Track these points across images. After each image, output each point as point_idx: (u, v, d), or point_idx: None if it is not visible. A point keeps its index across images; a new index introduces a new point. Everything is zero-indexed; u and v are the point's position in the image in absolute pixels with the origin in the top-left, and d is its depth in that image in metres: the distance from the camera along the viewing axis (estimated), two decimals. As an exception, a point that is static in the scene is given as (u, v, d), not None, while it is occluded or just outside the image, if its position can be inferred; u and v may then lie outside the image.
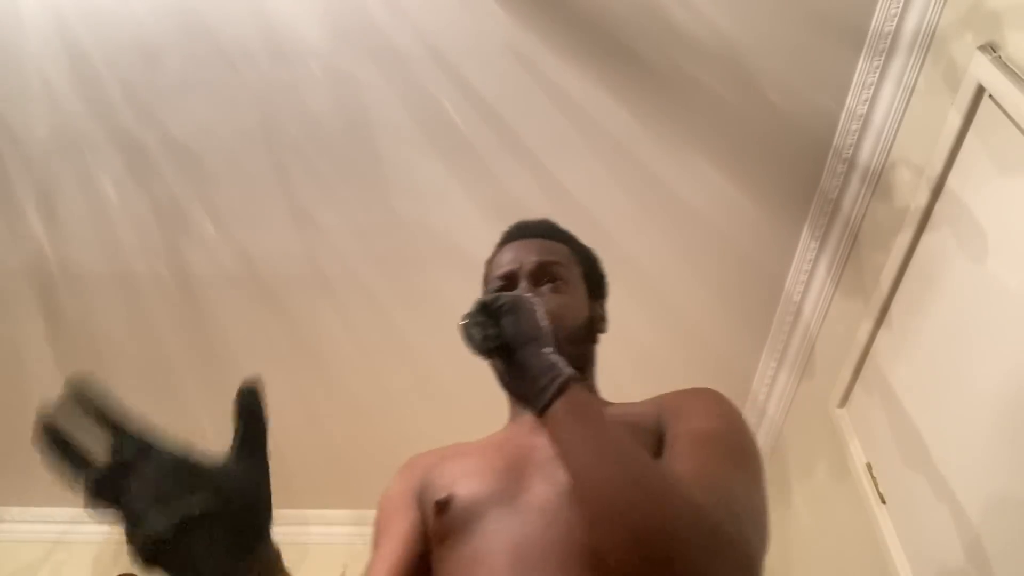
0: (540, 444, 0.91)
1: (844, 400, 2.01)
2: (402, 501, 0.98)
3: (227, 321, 2.32)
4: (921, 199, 1.67)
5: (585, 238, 2.26)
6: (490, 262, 1.19)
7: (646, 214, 2.08)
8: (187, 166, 2.02)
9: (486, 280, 1.17)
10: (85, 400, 0.59)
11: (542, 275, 1.08)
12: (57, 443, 0.57)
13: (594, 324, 1.15)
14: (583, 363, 1.05)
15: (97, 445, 0.57)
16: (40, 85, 1.89)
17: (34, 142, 1.99)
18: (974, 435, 1.44)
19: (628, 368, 2.41)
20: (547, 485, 0.86)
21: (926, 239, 1.68)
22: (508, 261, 1.11)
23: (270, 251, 2.18)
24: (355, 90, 1.89)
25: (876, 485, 1.80)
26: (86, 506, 0.57)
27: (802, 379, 2.32)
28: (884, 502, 1.76)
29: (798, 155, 1.95)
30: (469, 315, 0.88)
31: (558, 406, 0.80)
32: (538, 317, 0.88)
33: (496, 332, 0.86)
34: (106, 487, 0.57)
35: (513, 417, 1.09)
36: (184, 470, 0.60)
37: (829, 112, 1.87)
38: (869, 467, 1.84)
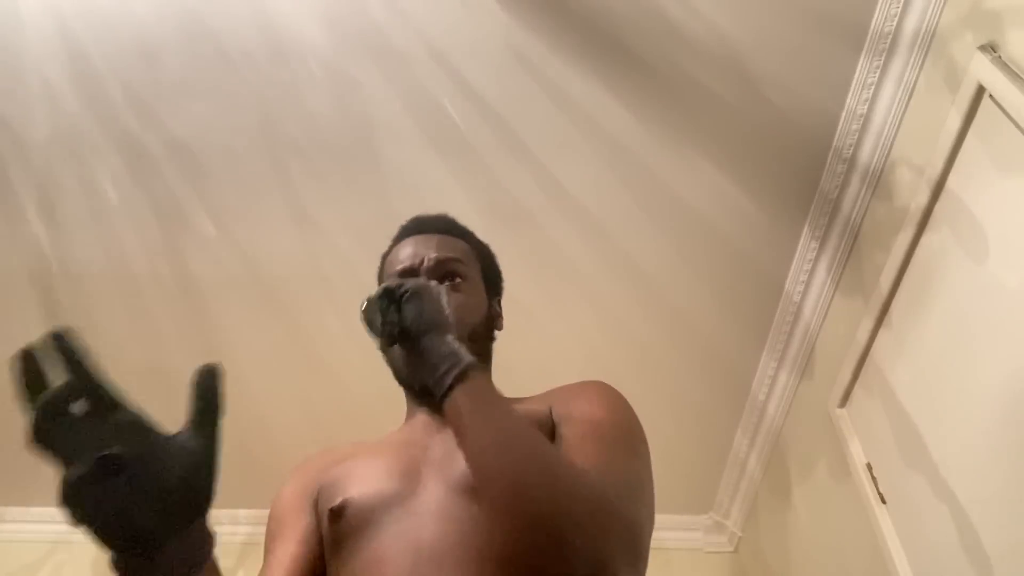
0: (435, 442, 0.93)
1: (844, 400, 2.01)
2: (295, 504, 0.96)
3: (227, 321, 2.32)
4: (921, 199, 1.67)
5: (585, 238, 2.27)
6: (386, 257, 1.19)
7: (646, 214, 2.08)
8: (187, 166, 2.02)
9: (381, 276, 1.19)
10: (66, 348, 0.59)
11: (442, 272, 1.07)
12: (28, 371, 0.58)
13: (492, 322, 1.14)
14: (482, 360, 1.03)
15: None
16: (40, 85, 1.89)
17: (34, 142, 1.99)
18: (974, 435, 1.44)
19: (628, 368, 2.41)
20: (441, 484, 0.86)
21: (926, 239, 1.68)
22: (407, 256, 1.11)
23: (270, 251, 2.18)
24: (355, 90, 1.89)
25: (876, 485, 1.80)
26: (27, 441, 0.57)
27: (802, 379, 2.32)
28: (884, 502, 1.76)
29: (798, 155, 1.96)
30: (370, 300, 0.88)
31: (459, 391, 0.81)
32: (442, 304, 0.89)
33: (397, 319, 0.86)
34: (52, 427, 0.57)
35: (409, 415, 1.09)
36: (130, 426, 0.60)
37: (829, 112, 1.87)
38: (869, 467, 1.84)
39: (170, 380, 2.47)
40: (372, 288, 0.97)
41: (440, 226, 1.17)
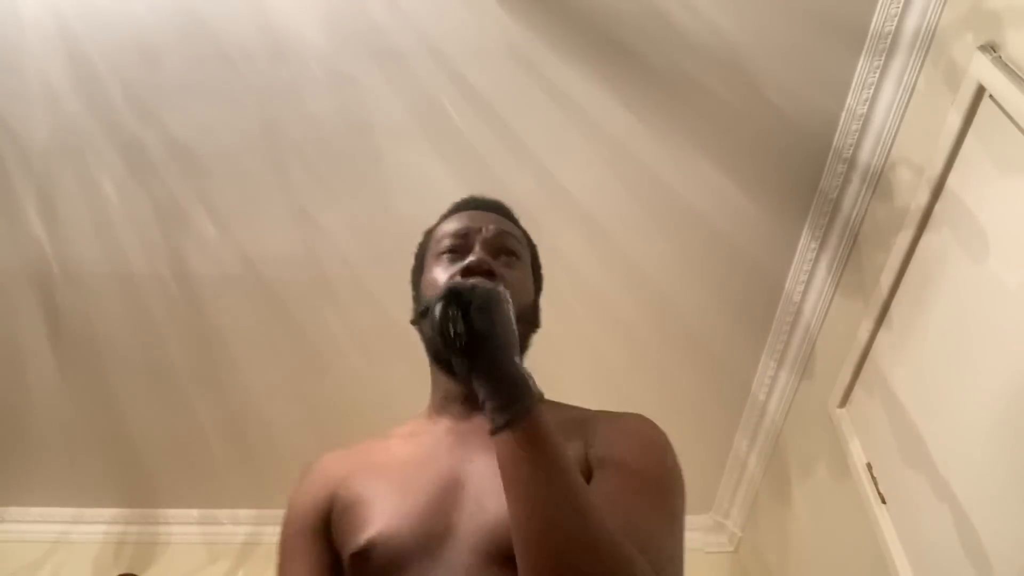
0: (470, 469, 0.88)
1: (844, 400, 2.01)
2: (306, 529, 0.92)
3: (227, 321, 2.32)
4: (921, 199, 1.67)
5: (585, 238, 2.27)
6: (433, 231, 1.10)
7: (646, 214, 2.08)
8: (187, 166, 2.02)
9: (426, 250, 1.08)
10: None
11: (500, 245, 1.00)
12: None
13: (536, 312, 1.06)
14: (523, 348, 0.98)
15: None
16: (40, 85, 1.89)
17: (34, 142, 1.99)
18: (974, 435, 1.44)
19: (628, 368, 2.41)
20: (470, 542, 0.81)
21: (926, 239, 1.68)
22: (463, 225, 1.03)
23: (270, 251, 2.18)
24: (355, 90, 1.89)
25: (876, 485, 1.80)
26: None
27: (802, 379, 2.32)
28: (884, 502, 1.76)
29: (798, 155, 1.95)
30: (437, 301, 0.77)
31: (520, 433, 0.73)
32: (512, 317, 0.80)
33: (463, 329, 0.75)
34: None
35: (438, 409, 1.02)
36: None
37: (829, 112, 1.87)
38: (869, 467, 1.84)
39: (170, 379, 2.49)
40: (372, 288, 0.96)
41: (498, 207, 1.10)
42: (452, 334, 0.75)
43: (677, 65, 1.83)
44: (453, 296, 0.76)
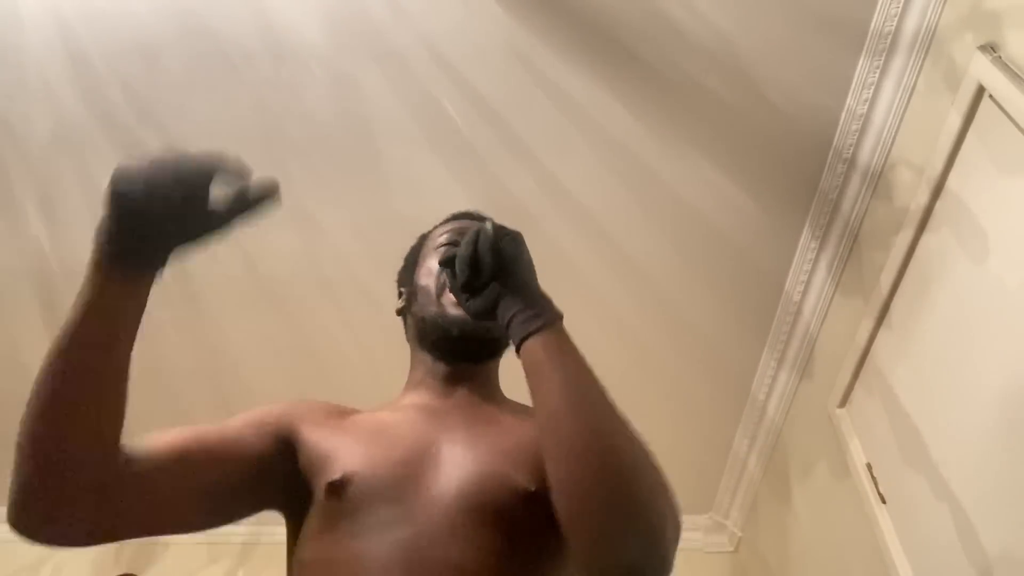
0: (444, 438, 0.90)
1: (844, 400, 2.01)
2: (262, 417, 0.92)
3: (227, 321, 2.32)
4: (921, 199, 1.67)
5: (585, 238, 2.27)
6: (431, 232, 1.17)
7: (646, 214, 2.08)
8: (187, 166, 2.02)
9: (419, 254, 1.14)
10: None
11: None
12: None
13: None
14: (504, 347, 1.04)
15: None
16: (40, 85, 1.89)
17: (34, 142, 1.99)
18: (974, 435, 1.44)
19: (628, 368, 2.41)
20: (451, 490, 0.82)
21: (926, 239, 1.68)
22: (459, 229, 1.09)
23: (270, 251, 2.18)
24: (355, 90, 1.89)
25: (876, 485, 1.80)
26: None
27: (802, 379, 2.32)
28: (884, 502, 1.76)
29: (798, 155, 1.95)
30: (467, 239, 0.83)
31: (557, 332, 0.79)
32: (530, 257, 0.86)
33: (494, 256, 0.82)
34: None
35: (415, 387, 1.05)
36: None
37: (829, 112, 1.87)
38: (869, 467, 1.84)
39: (170, 379, 2.49)
40: (372, 288, 0.97)
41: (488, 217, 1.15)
42: (490, 253, 0.81)
43: (677, 65, 1.83)
44: (482, 231, 0.83)
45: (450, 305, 0.97)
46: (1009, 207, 1.40)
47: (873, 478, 1.81)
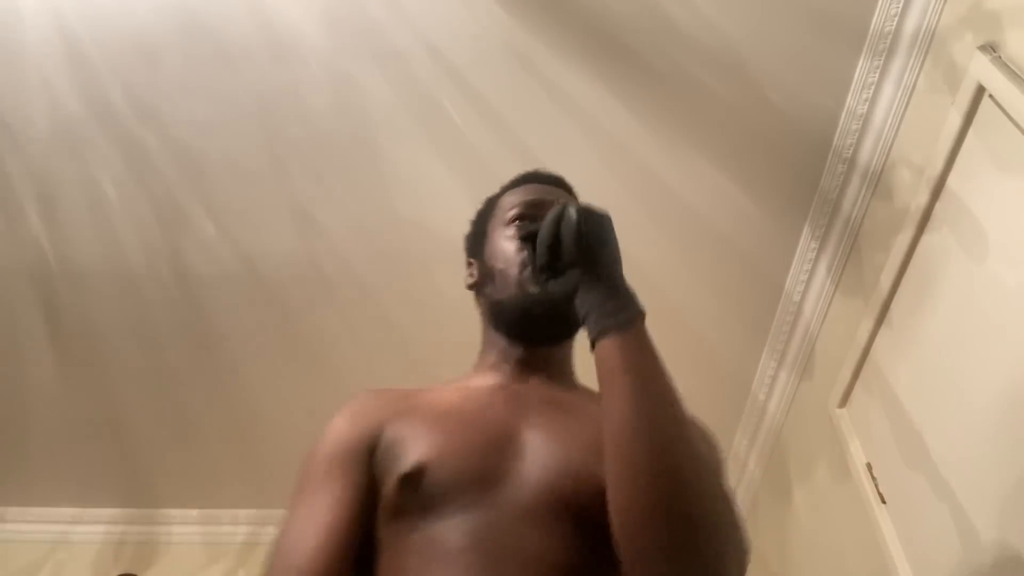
0: (524, 424, 0.86)
1: (844, 400, 2.01)
2: (348, 455, 0.84)
3: (227, 321, 2.32)
4: (921, 199, 1.67)
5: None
6: (500, 197, 1.13)
7: (646, 214, 2.08)
8: (187, 166, 2.02)
9: (487, 217, 1.10)
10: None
11: None
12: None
13: None
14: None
15: None
16: (40, 85, 1.88)
17: (34, 142, 1.99)
18: (974, 435, 1.44)
19: (628, 368, 2.41)
20: (531, 480, 0.79)
21: (926, 239, 1.68)
22: (536, 192, 1.06)
23: (270, 251, 2.18)
24: (355, 90, 1.89)
25: (876, 485, 1.79)
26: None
27: (802, 379, 2.32)
28: (884, 502, 1.76)
29: (798, 155, 1.95)
30: (551, 216, 0.81)
31: (637, 331, 0.76)
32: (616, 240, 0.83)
33: (579, 238, 0.79)
34: None
35: (490, 368, 1.01)
36: None
37: (829, 112, 1.87)
38: (869, 467, 1.84)
39: (170, 379, 2.49)
40: (372, 288, 0.97)
41: (559, 182, 1.13)
42: (573, 239, 0.78)
43: (677, 65, 1.83)
44: (565, 214, 0.80)
45: (529, 284, 0.92)
46: (1009, 207, 1.40)
47: (873, 478, 1.81)
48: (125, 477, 2.72)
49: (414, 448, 0.81)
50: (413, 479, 0.78)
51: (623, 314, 0.77)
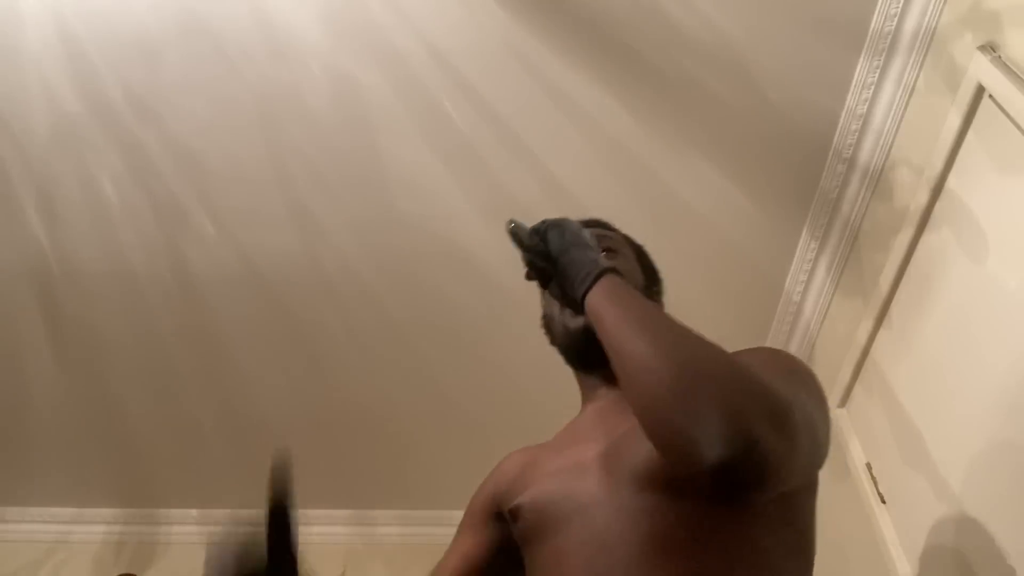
0: (600, 435, 0.95)
1: (844, 400, 2.01)
2: (485, 503, 1.04)
3: (227, 321, 2.32)
4: (921, 199, 1.67)
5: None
6: None
7: (646, 214, 2.08)
8: (187, 166, 2.02)
9: None
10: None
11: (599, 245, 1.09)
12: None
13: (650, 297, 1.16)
14: None
15: None
16: (40, 85, 1.88)
17: (34, 142, 1.99)
18: (974, 435, 1.44)
19: (628, 368, 2.41)
20: (609, 477, 0.87)
21: (926, 239, 1.68)
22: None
23: (270, 251, 2.18)
24: (355, 90, 1.89)
25: (876, 485, 1.80)
26: None
27: (802, 379, 2.32)
28: (884, 502, 1.76)
29: (798, 155, 1.95)
30: (520, 232, 0.92)
31: (595, 290, 0.82)
32: (582, 230, 0.92)
33: (541, 246, 0.91)
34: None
35: (586, 400, 1.11)
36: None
37: (829, 112, 1.87)
38: (869, 467, 1.84)
39: (170, 379, 2.49)
40: (372, 288, 0.99)
41: (590, 223, 1.20)
42: (535, 268, 0.91)
43: (677, 65, 1.83)
44: (534, 230, 0.94)
45: (568, 320, 1.02)
46: (1009, 207, 1.40)
47: (873, 478, 1.81)
48: (125, 477, 2.72)
49: (516, 491, 0.97)
50: (514, 513, 0.95)
51: (589, 279, 0.84)
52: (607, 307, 0.81)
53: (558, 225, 0.92)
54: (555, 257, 0.89)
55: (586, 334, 0.93)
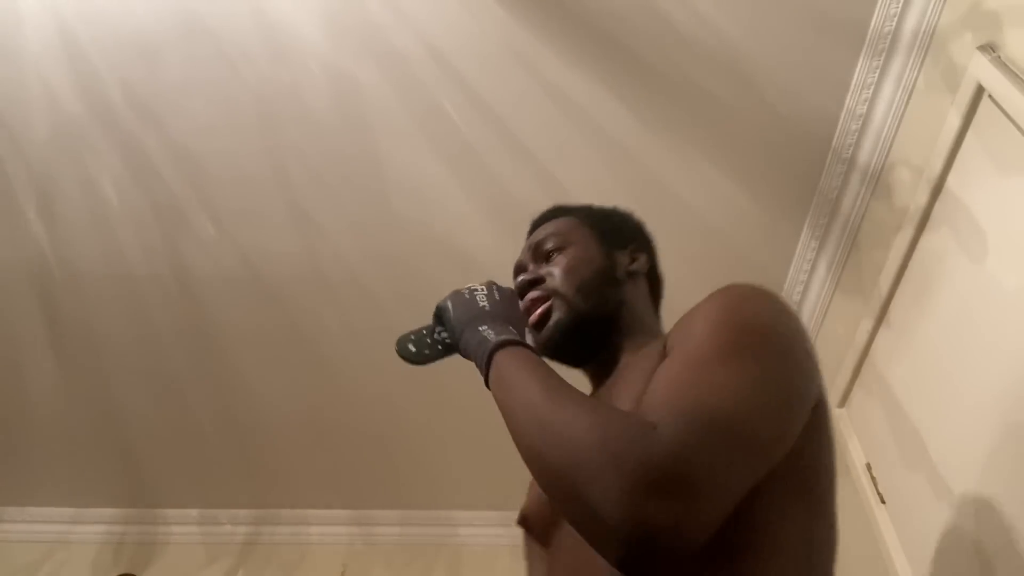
0: None
1: (844, 400, 2.01)
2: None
3: (227, 321, 2.32)
4: (921, 199, 1.67)
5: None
6: None
7: (646, 214, 2.07)
8: (187, 166, 2.02)
9: None
10: None
11: (538, 255, 1.14)
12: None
13: (611, 270, 1.14)
14: (613, 307, 1.07)
15: None
16: (40, 85, 1.89)
17: (34, 142, 1.99)
18: (974, 435, 1.44)
19: (628, 368, 2.41)
20: None
21: (926, 239, 1.68)
22: (521, 253, 1.20)
23: (270, 251, 2.18)
24: (355, 90, 1.89)
25: (876, 485, 1.80)
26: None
27: (802, 379, 2.32)
28: (884, 502, 1.76)
29: (798, 155, 1.95)
30: (419, 335, 1.02)
31: (490, 375, 0.84)
32: (475, 299, 0.95)
33: (441, 338, 0.97)
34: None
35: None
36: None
37: (829, 112, 1.87)
38: (869, 467, 1.84)
39: (170, 379, 2.49)
40: (372, 288, 1.00)
41: (541, 218, 1.24)
42: (434, 355, 0.98)
43: (677, 65, 1.83)
44: (435, 319, 1.02)
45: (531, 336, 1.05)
46: (1009, 207, 1.40)
47: (872, 478, 1.81)
48: (125, 477, 2.72)
49: (526, 500, 1.02)
50: (520, 524, 1.00)
51: (481, 366, 0.86)
52: (497, 394, 0.82)
53: (446, 306, 0.97)
54: (456, 343, 0.93)
55: (545, 348, 1.00)
